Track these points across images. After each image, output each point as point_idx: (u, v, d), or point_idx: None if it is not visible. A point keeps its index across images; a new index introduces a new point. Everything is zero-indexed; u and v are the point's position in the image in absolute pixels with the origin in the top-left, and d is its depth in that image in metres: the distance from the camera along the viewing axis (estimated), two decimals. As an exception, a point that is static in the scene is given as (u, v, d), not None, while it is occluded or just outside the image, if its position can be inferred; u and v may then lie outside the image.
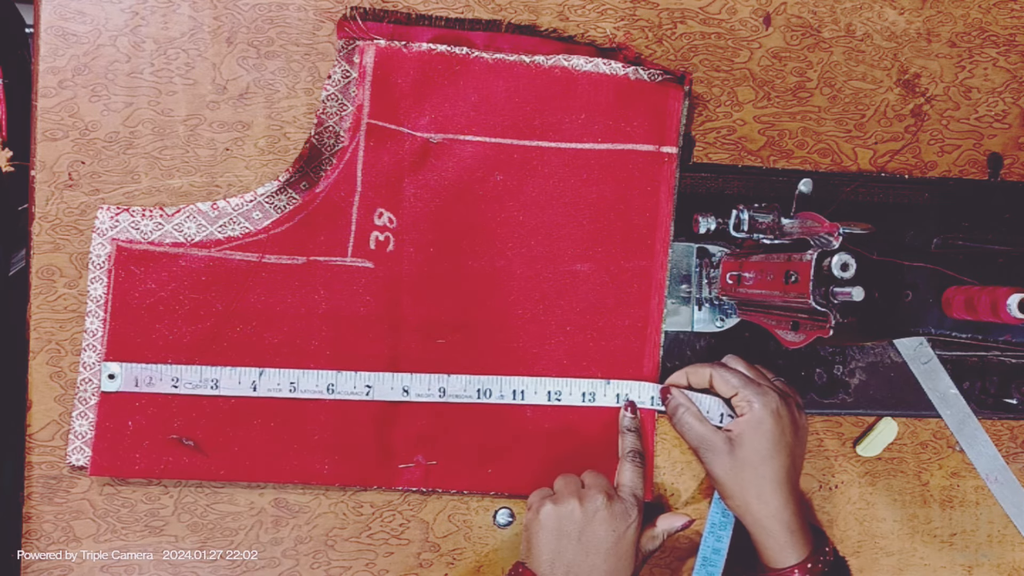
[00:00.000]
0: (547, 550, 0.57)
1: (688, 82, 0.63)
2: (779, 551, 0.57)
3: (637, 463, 0.61)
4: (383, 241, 0.61)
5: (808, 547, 0.57)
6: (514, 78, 0.61)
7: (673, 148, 0.63)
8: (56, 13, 0.58)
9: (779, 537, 0.57)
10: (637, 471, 0.61)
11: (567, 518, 0.57)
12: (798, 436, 0.59)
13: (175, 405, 0.59)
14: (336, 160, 0.60)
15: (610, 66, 0.62)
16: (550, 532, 0.57)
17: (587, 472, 0.61)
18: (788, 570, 0.57)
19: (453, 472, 0.62)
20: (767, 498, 0.57)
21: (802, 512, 0.58)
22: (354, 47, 0.60)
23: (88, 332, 0.59)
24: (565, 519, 0.57)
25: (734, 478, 0.58)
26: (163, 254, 0.58)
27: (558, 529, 0.57)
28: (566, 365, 0.63)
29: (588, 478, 0.60)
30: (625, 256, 0.63)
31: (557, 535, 0.57)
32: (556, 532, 0.57)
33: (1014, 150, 0.68)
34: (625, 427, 0.63)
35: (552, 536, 0.57)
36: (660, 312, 0.64)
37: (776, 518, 0.57)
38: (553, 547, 0.57)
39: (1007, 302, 0.45)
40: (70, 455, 0.59)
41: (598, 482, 0.59)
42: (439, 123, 0.60)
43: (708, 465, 0.59)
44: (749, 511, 0.58)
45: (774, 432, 0.57)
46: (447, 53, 0.60)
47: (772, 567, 0.58)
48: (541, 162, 0.62)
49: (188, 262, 0.59)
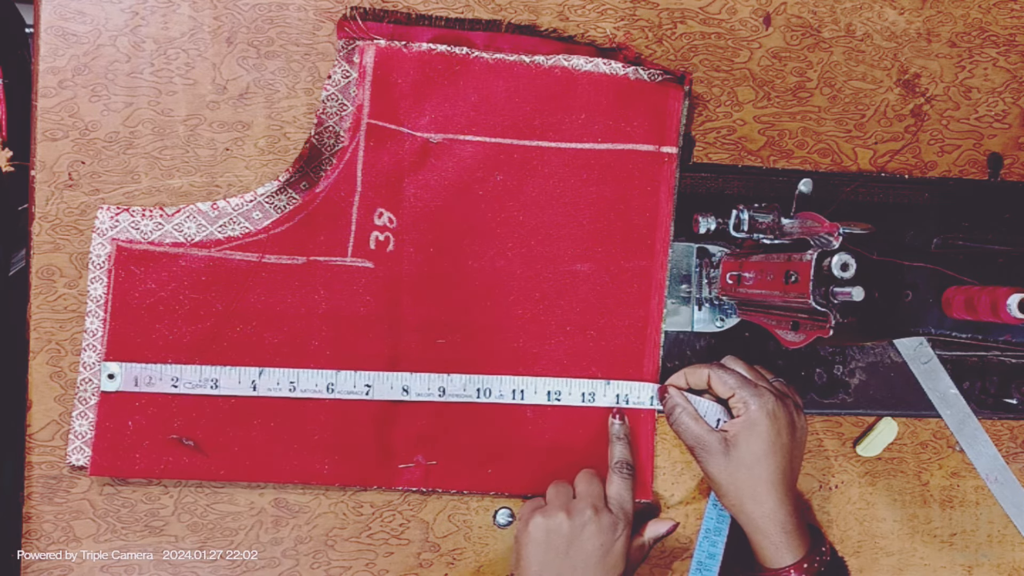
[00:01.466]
0: (535, 563, 0.57)
1: (688, 82, 0.63)
2: (775, 551, 0.57)
3: (625, 474, 0.61)
4: (383, 241, 0.61)
5: (804, 547, 0.57)
6: (514, 78, 0.61)
7: (673, 148, 0.63)
8: (56, 13, 0.58)
9: (774, 537, 0.57)
10: (625, 483, 0.61)
11: (555, 532, 0.57)
12: (795, 437, 0.59)
13: (175, 405, 0.59)
14: (336, 160, 0.60)
15: (610, 66, 0.62)
16: (538, 545, 0.57)
17: (580, 476, 0.61)
18: (784, 570, 0.57)
19: (453, 472, 0.62)
20: (762, 498, 0.57)
21: (799, 512, 0.59)
22: (354, 47, 0.60)
23: (88, 332, 0.59)
24: (553, 533, 0.57)
25: (729, 478, 0.58)
26: (163, 254, 0.58)
27: (546, 542, 0.57)
28: (566, 365, 0.63)
29: (581, 485, 0.60)
30: (625, 256, 0.63)
31: (545, 548, 0.57)
32: (544, 545, 0.57)
33: (1014, 150, 0.68)
34: (614, 435, 0.63)
35: (540, 549, 0.57)
36: (660, 312, 0.64)
37: (771, 518, 0.57)
38: (541, 560, 0.57)
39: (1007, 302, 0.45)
40: (70, 455, 0.59)
41: (590, 491, 0.59)
42: (439, 123, 0.60)
43: (704, 465, 0.59)
44: (744, 511, 0.58)
45: (769, 433, 0.57)
46: (447, 53, 0.60)
47: (768, 567, 0.58)
48: (541, 162, 0.62)
49: (188, 262, 0.59)
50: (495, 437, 0.62)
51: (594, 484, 0.60)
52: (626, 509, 0.60)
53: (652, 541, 0.62)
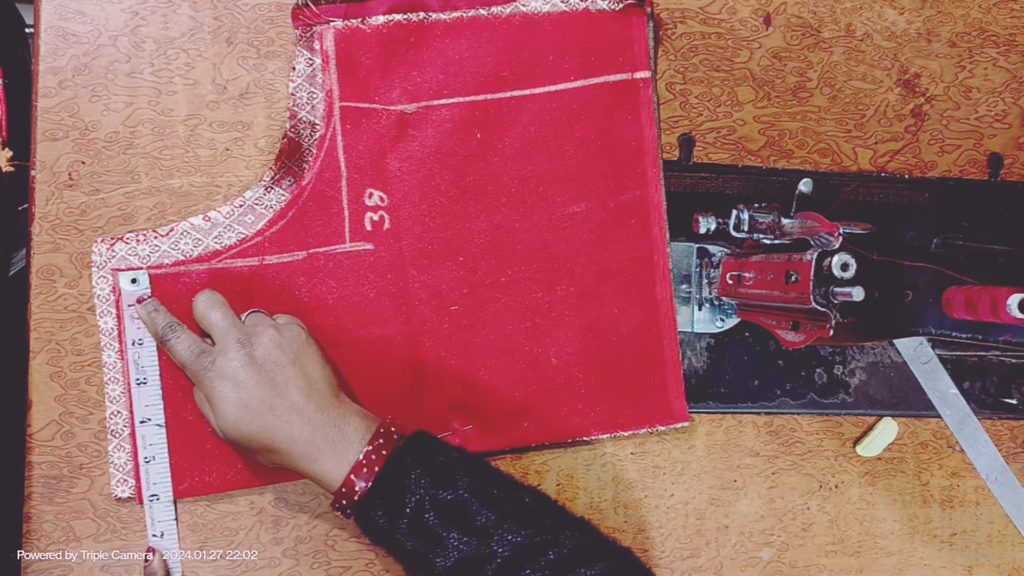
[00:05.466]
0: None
1: (648, 3, 0.63)
2: (331, 464, 0.51)
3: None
4: (378, 221, 0.61)
5: (358, 437, 0.52)
6: (475, 33, 0.61)
7: (646, 72, 0.63)
8: (56, 13, 0.58)
9: (322, 448, 0.52)
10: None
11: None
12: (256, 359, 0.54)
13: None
14: (316, 149, 0.60)
15: (568, 2, 0.62)
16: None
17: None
18: (348, 474, 0.51)
19: (491, 432, 0.62)
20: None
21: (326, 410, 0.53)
22: (312, 33, 0.59)
23: (107, 365, 0.58)
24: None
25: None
26: (165, 275, 0.58)
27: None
28: (580, 306, 0.63)
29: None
30: (618, 189, 0.63)
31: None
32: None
33: (1014, 150, 0.68)
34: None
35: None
36: (664, 242, 0.63)
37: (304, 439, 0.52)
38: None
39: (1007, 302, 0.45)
40: (114, 488, 0.59)
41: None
42: (410, 93, 0.60)
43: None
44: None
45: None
46: (405, 22, 0.60)
47: (332, 487, 0.52)
48: (518, 112, 0.62)
49: (191, 278, 0.59)
50: (524, 390, 0.63)
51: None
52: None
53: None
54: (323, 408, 0.53)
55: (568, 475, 0.65)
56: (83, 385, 0.59)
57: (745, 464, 0.66)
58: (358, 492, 0.50)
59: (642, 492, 0.65)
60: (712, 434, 0.66)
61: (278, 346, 0.54)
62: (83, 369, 0.59)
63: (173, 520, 0.60)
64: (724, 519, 0.66)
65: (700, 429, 0.66)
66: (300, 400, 0.52)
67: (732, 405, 0.66)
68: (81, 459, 0.59)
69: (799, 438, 0.67)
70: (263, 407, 0.52)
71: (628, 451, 0.65)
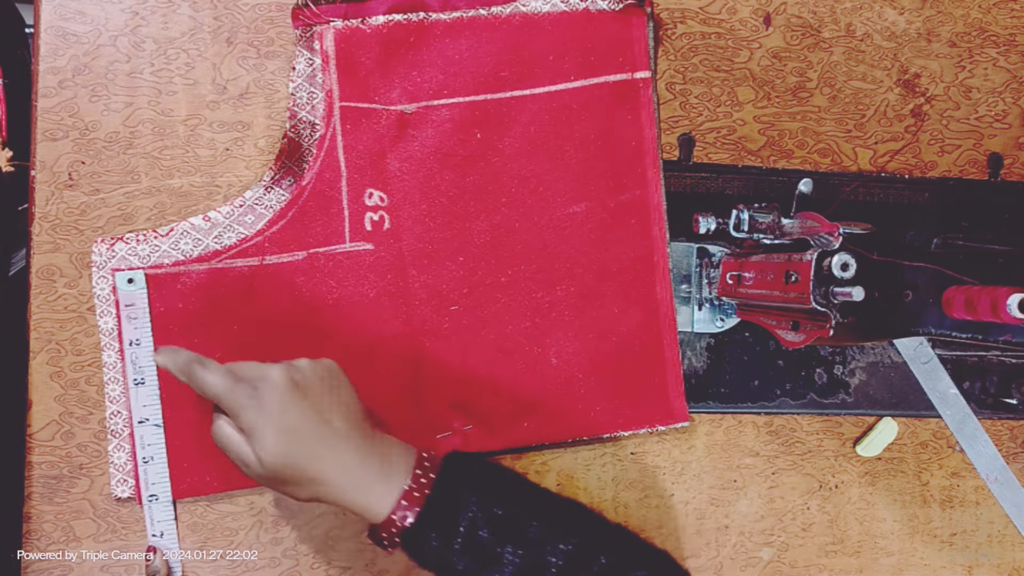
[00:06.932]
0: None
1: (648, 3, 0.63)
2: (374, 498, 0.50)
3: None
4: (378, 221, 0.61)
5: (400, 474, 0.50)
6: (475, 33, 0.61)
7: (646, 72, 0.63)
8: (56, 13, 0.58)
9: (365, 484, 0.50)
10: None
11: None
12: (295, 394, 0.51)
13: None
14: (316, 149, 0.60)
15: (568, 3, 0.62)
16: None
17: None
18: (391, 512, 0.49)
19: (490, 432, 0.62)
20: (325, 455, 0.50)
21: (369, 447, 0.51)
22: (312, 33, 0.59)
23: (107, 365, 0.59)
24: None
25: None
26: (165, 275, 0.58)
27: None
28: (580, 306, 0.63)
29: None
30: (618, 189, 0.63)
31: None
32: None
33: (1014, 150, 0.68)
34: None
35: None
36: (663, 242, 0.63)
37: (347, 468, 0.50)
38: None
39: (1007, 302, 0.45)
40: (114, 488, 0.59)
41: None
42: (410, 93, 0.60)
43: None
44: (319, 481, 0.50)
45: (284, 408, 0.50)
46: (405, 22, 0.60)
47: (377, 520, 0.50)
48: (518, 112, 0.62)
49: (191, 278, 0.59)
50: (524, 390, 0.63)
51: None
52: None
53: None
54: (366, 436, 0.51)
55: (568, 475, 0.65)
56: (83, 385, 0.59)
57: (745, 464, 0.66)
58: (409, 518, 0.49)
59: (642, 492, 0.65)
60: (712, 434, 0.66)
61: (316, 373, 0.51)
62: (83, 369, 0.59)
63: (172, 520, 0.60)
64: (724, 519, 0.66)
65: (700, 429, 0.66)
66: (346, 428, 0.50)
67: (732, 405, 0.66)
68: (81, 459, 0.59)
69: (799, 438, 0.67)
70: (312, 435, 0.49)
71: (628, 451, 0.65)
